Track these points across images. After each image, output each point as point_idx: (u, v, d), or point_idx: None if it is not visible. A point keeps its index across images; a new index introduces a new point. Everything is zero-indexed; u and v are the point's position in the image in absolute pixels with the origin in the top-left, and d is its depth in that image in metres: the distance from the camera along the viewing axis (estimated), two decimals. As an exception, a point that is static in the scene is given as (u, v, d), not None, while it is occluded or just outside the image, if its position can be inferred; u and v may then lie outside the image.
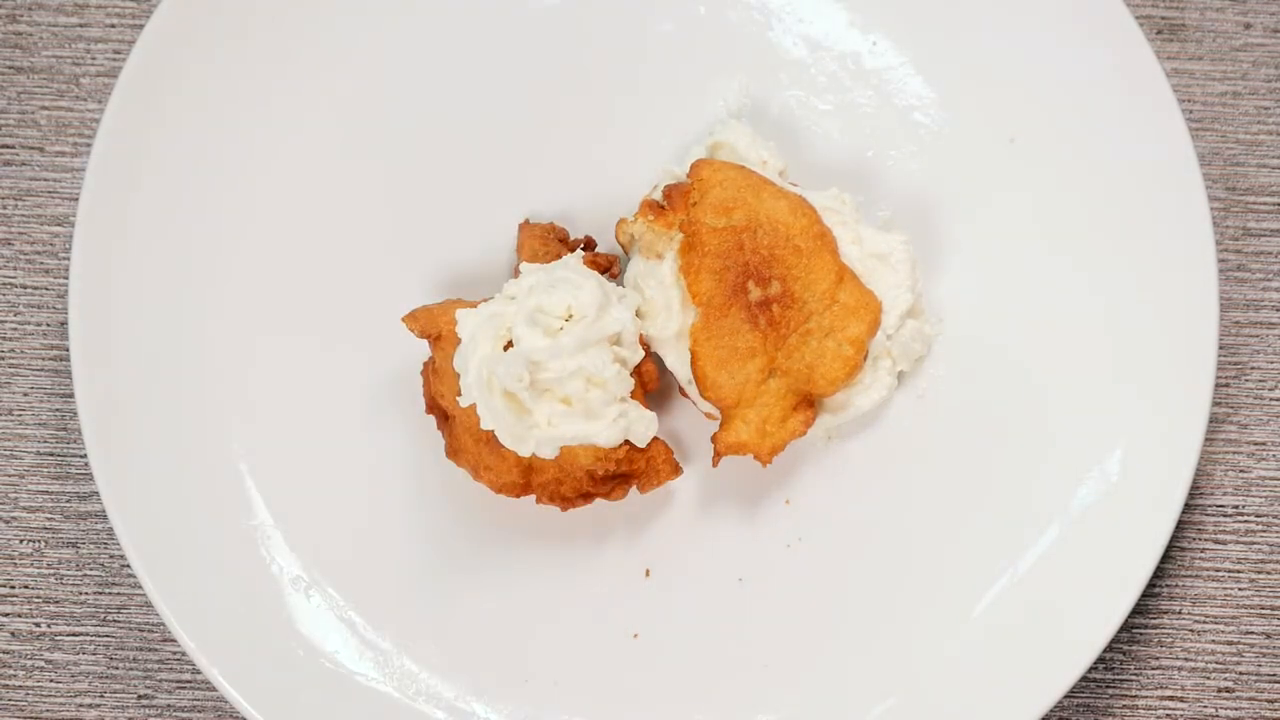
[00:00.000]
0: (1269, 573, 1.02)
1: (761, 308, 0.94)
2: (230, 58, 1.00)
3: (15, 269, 1.05)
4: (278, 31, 1.01)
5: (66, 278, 1.03)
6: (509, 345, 0.92)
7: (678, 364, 0.96)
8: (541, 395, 0.91)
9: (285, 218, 1.01)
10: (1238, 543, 1.02)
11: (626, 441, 0.94)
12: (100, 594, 1.02)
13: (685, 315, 0.95)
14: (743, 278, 0.94)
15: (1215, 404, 1.02)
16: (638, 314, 0.95)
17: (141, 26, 1.06)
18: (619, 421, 0.93)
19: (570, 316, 0.92)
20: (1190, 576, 1.02)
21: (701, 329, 0.93)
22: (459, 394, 0.93)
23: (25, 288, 1.05)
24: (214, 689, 1.00)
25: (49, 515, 1.03)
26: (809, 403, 0.96)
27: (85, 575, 1.02)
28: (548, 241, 0.98)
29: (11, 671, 1.01)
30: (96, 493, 1.02)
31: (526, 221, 1.01)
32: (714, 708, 0.97)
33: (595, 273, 0.94)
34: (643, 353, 0.94)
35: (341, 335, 1.00)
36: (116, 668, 1.01)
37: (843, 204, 0.98)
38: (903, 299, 0.97)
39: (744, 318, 0.94)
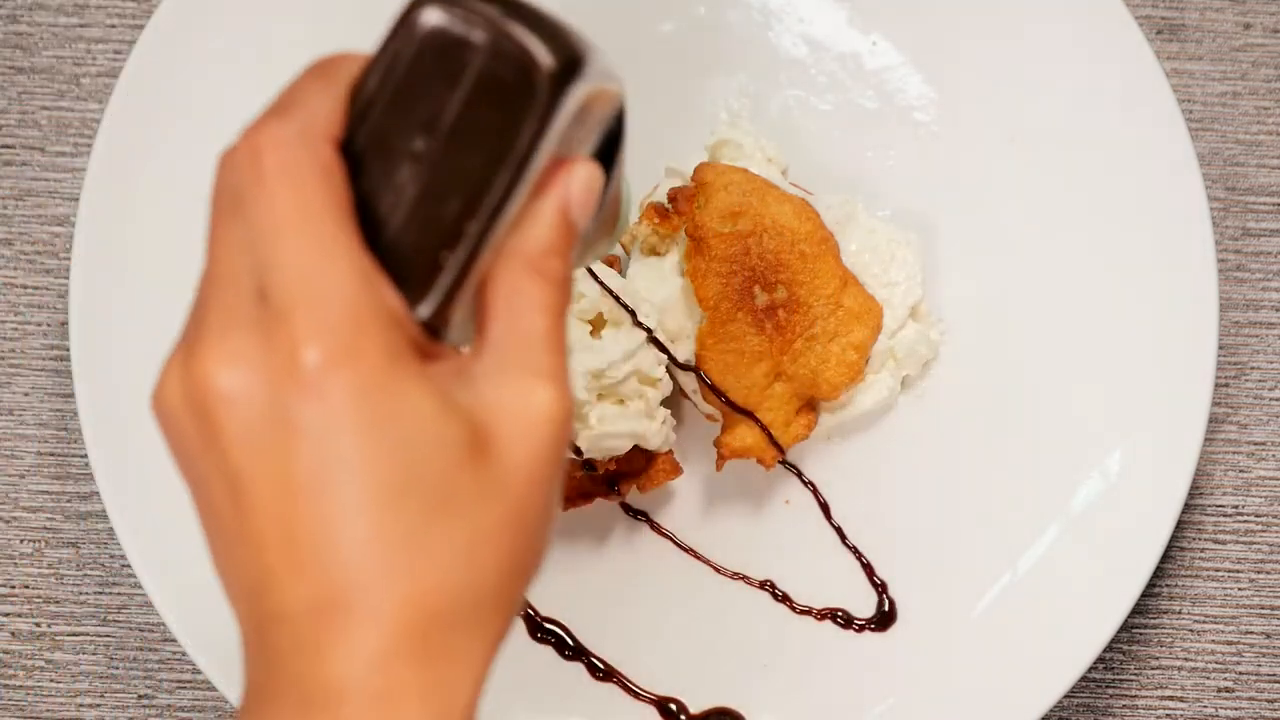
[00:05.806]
0: (1269, 573, 1.02)
1: (768, 313, 0.94)
2: (231, 57, 1.00)
3: (15, 269, 1.05)
4: (278, 31, 1.01)
5: (67, 278, 1.03)
6: None
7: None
8: (597, 399, 0.91)
9: (285, 217, 1.01)
10: (1237, 543, 1.02)
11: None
12: (100, 594, 1.02)
13: (688, 314, 0.95)
14: (749, 282, 0.94)
15: (1215, 404, 1.03)
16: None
17: (141, 26, 1.06)
18: (665, 425, 0.93)
19: (596, 319, 0.92)
20: (1190, 576, 1.02)
21: (709, 333, 0.93)
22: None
23: (25, 288, 1.05)
24: (214, 689, 1.00)
25: (49, 515, 1.03)
26: (811, 406, 0.96)
27: (85, 575, 1.02)
28: (548, 241, 0.98)
29: (11, 671, 1.01)
30: (96, 493, 1.02)
31: (527, 221, 1.00)
32: (714, 708, 0.97)
33: (612, 271, 0.94)
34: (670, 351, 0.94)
35: (342, 335, 1.00)
36: (117, 668, 1.01)
37: (846, 205, 0.98)
38: (912, 293, 0.97)
39: (750, 322, 0.94)
